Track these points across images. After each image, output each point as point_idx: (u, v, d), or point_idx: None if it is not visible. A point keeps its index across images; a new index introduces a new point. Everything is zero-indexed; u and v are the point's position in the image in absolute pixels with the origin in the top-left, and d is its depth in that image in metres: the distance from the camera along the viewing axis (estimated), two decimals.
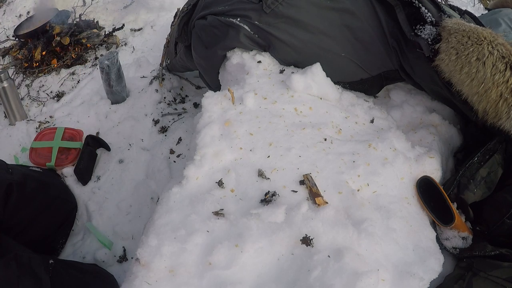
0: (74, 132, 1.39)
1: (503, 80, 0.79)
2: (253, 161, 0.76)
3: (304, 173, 0.74)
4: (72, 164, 1.32)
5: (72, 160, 1.32)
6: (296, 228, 0.64)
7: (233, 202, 0.70)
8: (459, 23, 0.86)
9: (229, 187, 0.73)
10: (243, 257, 0.60)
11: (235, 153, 0.77)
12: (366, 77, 1.01)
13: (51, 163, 1.29)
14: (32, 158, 1.32)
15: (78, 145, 1.35)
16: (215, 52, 1.05)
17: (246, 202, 0.70)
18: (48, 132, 1.39)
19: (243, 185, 0.73)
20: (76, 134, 1.39)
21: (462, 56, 0.82)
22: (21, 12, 2.26)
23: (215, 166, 0.75)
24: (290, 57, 0.99)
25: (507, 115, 0.80)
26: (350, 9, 0.97)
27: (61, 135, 1.36)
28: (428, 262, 0.66)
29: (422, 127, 0.98)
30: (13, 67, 1.85)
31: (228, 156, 0.76)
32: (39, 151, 1.34)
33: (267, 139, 0.76)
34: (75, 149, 1.34)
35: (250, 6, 0.99)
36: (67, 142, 1.35)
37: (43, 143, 1.35)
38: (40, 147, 1.35)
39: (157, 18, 2.02)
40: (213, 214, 0.68)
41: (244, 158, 0.75)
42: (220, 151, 0.76)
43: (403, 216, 0.72)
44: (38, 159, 1.32)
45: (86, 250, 1.17)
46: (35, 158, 1.32)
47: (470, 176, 0.84)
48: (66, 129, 1.39)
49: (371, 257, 0.62)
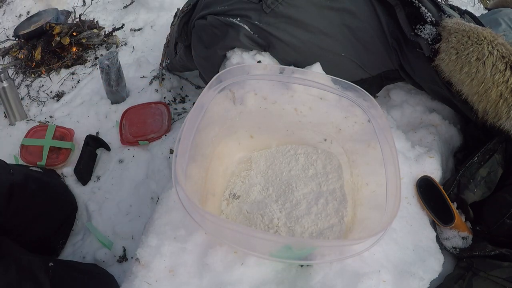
0: (65, 131, 1.39)
1: (503, 80, 0.79)
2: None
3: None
4: (62, 164, 1.33)
5: (62, 160, 1.33)
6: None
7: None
8: (459, 23, 0.86)
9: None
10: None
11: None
12: (366, 76, 1.01)
13: (41, 162, 1.29)
14: (22, 155, 1.32)
15: (69, 145, 1.35)
16: (215, 52, 1.05)
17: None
18: (39, 129, 1.39)
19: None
20: (67, 133, 1.38)
21: (462, 56, 0.81)
22: (21, 12, 2.25)
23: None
24: (290, 57, 0.99)
25: (507, 115, 0.80)
26: (350, 9, 0.97)
27: (52, 133, 1.35)
28: (428, 262, 0.66)
29: (422, 127, 0.98)
30: (13, 67, 1.85)
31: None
32: (30, 148, 1.34)
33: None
34: (66, 149, 1.34)
35: (250, 6, 0.98)
36: (58, 142, 1.34)
37: (34, 141, 1.35)
38: (31, 144, 1.34)
39: (157, 18, 2.02)
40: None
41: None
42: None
43: (403, 216, 0.72)
44: (29, 157, 1.31)
45: (86, 250, 1.17)
46: (25, 155, 1.32)
47: (470, 176, 0.84)
48: (57, 127, 1.38)
49: (372, 258, 0.62)
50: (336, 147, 0.80)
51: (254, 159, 0.82)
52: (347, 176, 0.76)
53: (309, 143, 0.82)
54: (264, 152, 0.82)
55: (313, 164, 0.78)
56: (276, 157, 0.80)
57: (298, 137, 0.81)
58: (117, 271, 1.12)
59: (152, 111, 1.45)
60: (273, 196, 0.73)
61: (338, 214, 0.69)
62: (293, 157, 0.80)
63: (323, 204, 0.70)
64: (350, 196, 0.72)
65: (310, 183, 0.74)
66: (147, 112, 1.44)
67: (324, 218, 0.68)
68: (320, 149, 0.81)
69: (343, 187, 0.74)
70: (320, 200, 0.71)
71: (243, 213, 0.72)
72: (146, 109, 1.45)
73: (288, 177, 0.77)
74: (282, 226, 0.67)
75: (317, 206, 0.69)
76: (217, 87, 0.69)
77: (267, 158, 0.81)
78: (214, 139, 0.76)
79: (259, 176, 0.78)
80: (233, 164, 0.80)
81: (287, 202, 0.71)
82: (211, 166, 0.75)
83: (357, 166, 0.74)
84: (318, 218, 0.68)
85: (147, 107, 1.46)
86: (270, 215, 0.69)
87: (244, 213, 0.72)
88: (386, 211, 0.55)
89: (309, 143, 0.82)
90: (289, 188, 0.74)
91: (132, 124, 1.41)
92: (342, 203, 0.72)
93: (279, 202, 0.72)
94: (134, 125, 1.41)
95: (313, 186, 0.74)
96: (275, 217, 0.69)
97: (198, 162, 0.69)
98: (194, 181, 0.66)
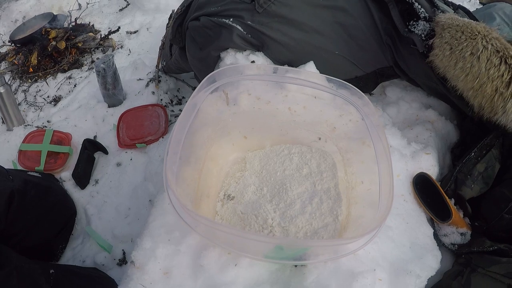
0: (62, 135, 1.39)
1: (498, 74, 0.78)
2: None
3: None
4: (60, 168, 1.33)
5: (61, 164, 1.33)
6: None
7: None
8: (452, 18, 0.85)
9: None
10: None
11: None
12: (361, 74, 1.00)
13: (40, 167, 1.30)
14: (20, 161, 1.33)
15: (67, 150, 1.35)
16: (209, 53, 1.04)
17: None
18: (36, 134, 1.39)
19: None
20: (64, 137, 1.39)
21: (456, 51, 0.81)
22: (17, 17, 2.25)
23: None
24: (283, 56, 0.99)
25: (503, 109, 0.80)
26: (343, 7, 0.96)
27: (49, 138, 1.36)
28: (425, 259, 0.66)
29: (418, 124, 0.98)
30: (9, 72, 1.85)
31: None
32: (28, 153, 1.34)
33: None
34: (63, 153, 1.35)
35: (242, 6, 0.98)
36: (56, 146, 1.35)
37: (32, 146, 1.36)
38: (29, 149, 1.35)
39: (152, 20, 2.02)
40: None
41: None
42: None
43: (399, 214, 0.71)
44: (27, 162, 1.32)
45: (86, 254, 1.17)
46: (23, 161, 1.33)
47: (467, 172, 0.84)
48: (55, 131, 1.39)
49: (367, 256, 0.62)
50: (330, 145, 0.80)
51: (248, 159, 0.81)
52: (341, 174, 0.76)
53: (303, 142, 0.81)
54: (258, 153, 0.82)
55: (307, 163, 0.78)
56: (270, 157, 0.80)
57: (292, 136, 0.81)
58: (117, 274, 1.12)
59: (149, 113, 1.45)
60: (268, 196, 0.73)
61: (332, 213, 0.69)
62: (287, 157, 0.80)
63: (318, 203, 0.70)
64: (344, 195, 0.72)
65: (305, 182, 0.74)
66: (144, 114, 1.44)
67: (319, 217, 0.67)
68: (314, 148, 0.81)
69: (337, 186, 0.74)
70: (315, 199, 0.71)
71: (238, 214, 0.72)
72: (143, 112, 1.45)
73: (282, 177, 0.76)
74: (276, 226, 0.67)
75: (311, 206, 0.69)
76: (209, 87, 0.69)
77: (261, 158, 0.81)
78: (207, 141, 0.75)
79: (253, 176, 0.77)
80: (227, 165, 0.80)
81: (281, 202, 0.71)
82: (204, 167, 0.74)
83: (352, 164, 0.74)
84: (313, 218, 0.68)
85: (144, 109, 1.46)
86: (264, 215, 0.69)
87: (239, 213, 0.72)
88: (380, 209, 0.55)
89: (303, 142, 0.81)
90: (283, 188, 0.74)
91: (129, 127, 1.41)
92: (336, 201, 0.71)
93: (273, 202, 0.72)
94: (131, 128, 1.41)
95: (307, 185, 0.73)
96: (269, 217, 0.69)
97: (192, 164, 0.69)
98: (187, 184, 0.66)
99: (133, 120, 1.43)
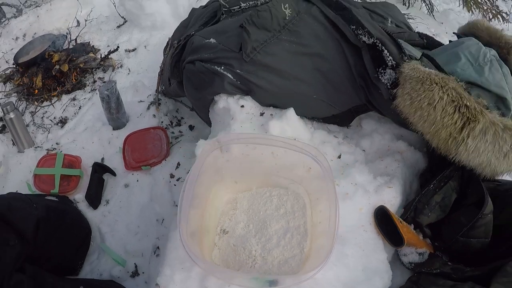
0: (73, 159, 1.51)
1: (452, 122, 0.88)
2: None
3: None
4: (73, 190, 1.46)
5: (73, 187, 1.46)
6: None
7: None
8: (414, 69, 0.95)
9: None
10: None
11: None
12: (337, 113, 1.13)
13: (55, 190, 1.42)
14: (36, 185, 1.44)
15: (78, 172, 1.48)
16: (205, 96, 1.17)
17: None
18: (48, 158, 1.51)
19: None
20: (75, 160, 1.51)
21: (415, 101, 0.92)
22: (18, 34, 2.31)
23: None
24: (268, 100, 1.12)
25: (456, 151, 0.91)
26: (320, 53, 1.08)
27: (61, 162, 1.48)
28: (373, 281, 0.82)
29: (388, 155, 1.11)
30: (15, 94, 1.94)
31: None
32: (42, 177, 1.46)
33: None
34: (75, 176, 1.47)
35: (231, 55, 1.10)
36: (67, 170, 1.47)
37: (46, 170, 1.47)
38: (43, 174, 1.46)
39: (149, 38, 2.10)
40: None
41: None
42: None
43: (357, 243, 0.87)
44: (42, 185, 1.44)
45: (102, 268, 1.33)
46: (39, 184, 1.44)
47: (426, 202, 0.97)
48: (65, 155, 1.51)
49: (324, 279, 0.78)
50: (302, 188, 0.96)
51: (239, 199, 0.97)
52: (309, 212, 0.91)
53: (282, 184, 0.97)
54: (246, 194, 0.98)
55: (284, 204, 0.94)
56: (256, 198, 0.96)
57: (273, 180, 0.96)
58: (131, 285, 1.28)
59: (151, 136, 1.57)
60: (253, 231, 0.90)
61: (300, 246, 0.86)
62: (268, 199, 0.96)
63: (289, 238, 0.87)
64: (309, 231, 0.88)
65: (281, 220, 0.90)
66: (146, 137, 1.57)
67: (289, 249, 0.84)
68: (290, 191, 0.97)
69: (306, 223, 0.90)
70: (287, 234, 0.88)
71: (231, 246, 0.88)
72: (145, 135, 1.57)
73: (264, 216, 0.93)
74: (258, 256, 0.85)
75: (284, 240, 0.86)
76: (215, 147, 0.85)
77: (248, 199, 0.96)
78: (207, 187, 0.91)
79: (243, 214, 0.93)
80: (222, 205, 0.96)
81: (263, 236, 0.88)
82: (206, 208, 0.90)
83: (319, 204, 0.89)
84: (285, 249, 0.85)
85: (147, 132, 1.58)
86: (249, 248, 0.86)
87: (231, 246, 0.88)
88: (325, 249, 0.71)
89: (282, 184, 0.97)
90: (265, 225, 0.90)
91: (134, 150, 1.54)
92: (304, 236, 0.88)
93: (257, 236, 0.88)
94: (136, 150, 1.54)
95: (283, 223, 0.90)
96: (253, 249, 0.86)
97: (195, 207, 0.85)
98: (193, 223, 0.82)
99: (137, 143, 1.56)
